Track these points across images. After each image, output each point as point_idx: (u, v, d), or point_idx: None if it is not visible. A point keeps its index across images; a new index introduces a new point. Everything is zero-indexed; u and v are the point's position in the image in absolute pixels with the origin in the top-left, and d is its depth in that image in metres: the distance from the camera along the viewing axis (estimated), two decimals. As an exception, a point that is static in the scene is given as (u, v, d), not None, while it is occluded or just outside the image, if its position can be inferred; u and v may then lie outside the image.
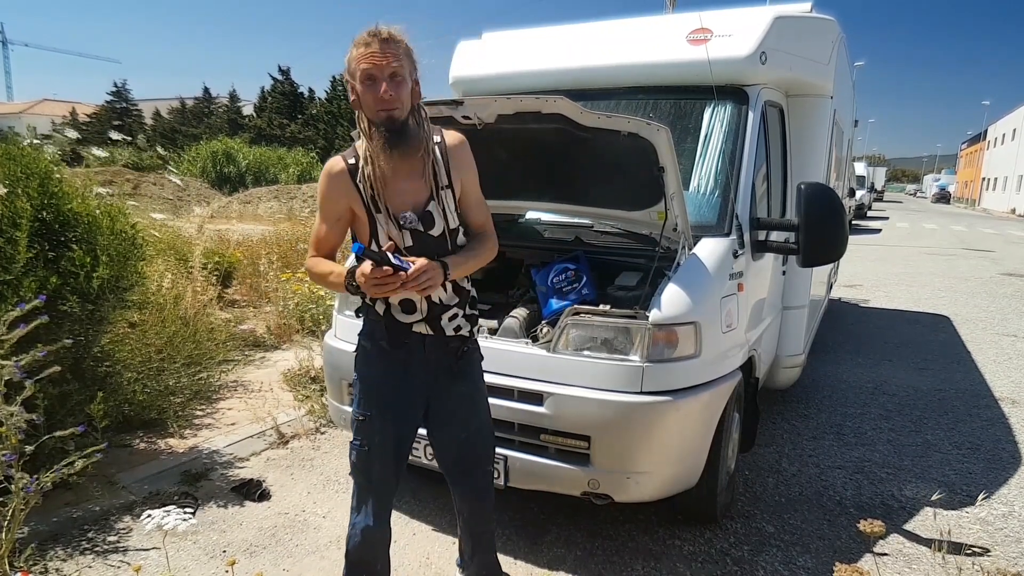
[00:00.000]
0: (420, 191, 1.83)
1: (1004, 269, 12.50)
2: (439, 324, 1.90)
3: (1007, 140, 47.00)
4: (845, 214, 3.11)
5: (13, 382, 2.20)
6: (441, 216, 1.84)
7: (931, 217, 31.94)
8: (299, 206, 16.48)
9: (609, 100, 3.44)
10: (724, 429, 2.68)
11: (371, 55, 1.70)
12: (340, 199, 1.84)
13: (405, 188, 1.82)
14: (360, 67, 1.72)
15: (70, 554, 2.60)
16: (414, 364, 1.93)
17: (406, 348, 1.91)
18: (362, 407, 1.96)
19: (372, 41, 1.71)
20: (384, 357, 1.93)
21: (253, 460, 3.55)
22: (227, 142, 28.05)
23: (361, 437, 1.96)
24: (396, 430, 1.97)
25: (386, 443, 1.96)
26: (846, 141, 6.65)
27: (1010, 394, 4.92)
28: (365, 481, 1.98)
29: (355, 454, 1.97)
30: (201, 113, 43.24)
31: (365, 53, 1.71)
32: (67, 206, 3.17)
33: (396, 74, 1.72)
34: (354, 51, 1.73)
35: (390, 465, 1.98)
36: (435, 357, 1.94)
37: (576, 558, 2.66)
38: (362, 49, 1.72)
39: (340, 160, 1.85)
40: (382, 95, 1.70)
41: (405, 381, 1.94)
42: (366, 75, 1.71)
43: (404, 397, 1.96)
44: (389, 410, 1.94)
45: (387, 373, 1.93)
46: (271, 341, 5.65)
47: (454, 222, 1.88)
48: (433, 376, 1.96)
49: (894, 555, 2.75)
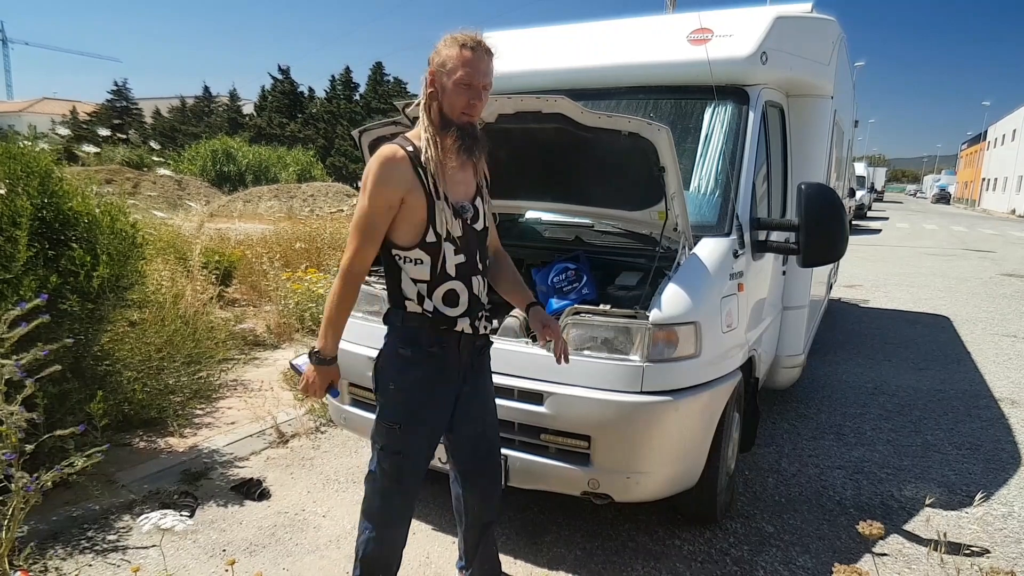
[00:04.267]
0: (470, 185, 1.93)
1: (1004, 269, 12.51)
2: (476, 323, 1.94)
3: (1007, 141, 46.98)
4: (845, 214, 3.11)
5: (13, 381, 2.20)
6: (483, 212, 1.95)
7: (931, 218, 31.95)
8: (299, 205, 16.48)
9: (610, 100, 3.44)
10: (724, 429, 2.68)
11: (476, 63, 1.78)
12: (399, 187, 1.79)
13: (459, 180, 1.89)
14: (461, 70, 1.77)
15: (70, 553, 2.60)
16: (450, 368, 1.94)
17: (445, 351, 1.92)
18: (397, 415, 1.93)
19: (479, 49, 1.78)
20: (424, 364, 1.91)
21: (253, 459, 3.55)
22: (227, 141, 28.04)
23: (395, 445, 1.94)
24: (429, 437, 1.99)
25: (420, 450, 1.97)
26: (846, 141, 6.65)
27: (1010, 394, 4.92)
28: (396, 487, 1.97)
29: (388, 462, 1.95)
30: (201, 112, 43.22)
31: (470, 59, 1.77)
32: (67, 205, 3.17)
33: (487, 87, 1.82)
34: (456, 50, 1.78)
35: (420, 471, 2.00)
36: (465, 357, 1.96)
37: (576, 558, 2.67)
38: (468, 54, 1.77)
39: (398, 148, 1.83)
40: (474, 103, 1.80)
41: (442, 387, 1.95)
42: (463, 80, 1.77)
43: (439, 403, 1.96)
44: (425, 418, 1.95)
45: (425, 380, 1.92)
46: (271, 340, 5.65)
47: (489, 220, 2.00)
48: (463, 377, 1.98)
49: (893, 555, 2.75)
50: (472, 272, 1.91)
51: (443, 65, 1.79)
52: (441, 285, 1.86)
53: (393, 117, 2.52)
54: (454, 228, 1.84)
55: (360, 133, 2.61)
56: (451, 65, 1.78)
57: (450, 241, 1.84)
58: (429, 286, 1.86)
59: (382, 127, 2.55)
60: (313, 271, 6.37)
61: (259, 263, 6.93)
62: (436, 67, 1.81)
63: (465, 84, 1.77)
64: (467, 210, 1.88)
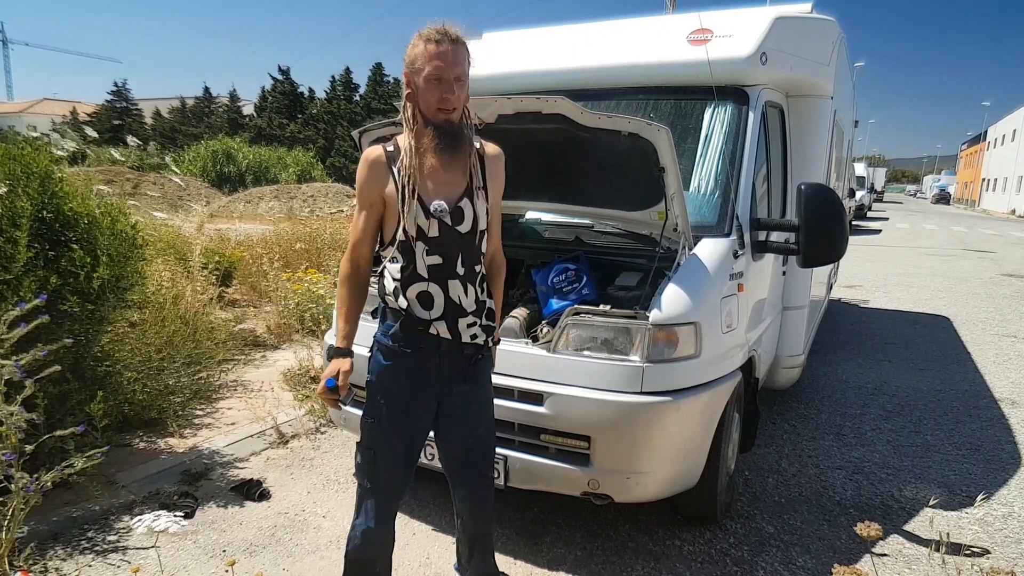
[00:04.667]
0: (456, 186, 1.84)
1: (1004, 270, 12.51)
2: (456, 329, 1.88)
3: (1007, 141, 46.98)
4: (845, 215, 3.11)
5: (13, 381, 2.20)
6: (471, 214, 1.85)
7: (931, 218, 31.95)
8: (299, 206, 16.49)
9: (610, 100, 3.44)
10: (724, 429, 2.68)
11: (441, 55, 1.71)
12: (375, 186, 1.83)
13: (441, 180, 1.83)
14: (429, 65, 1.72)
15: (70, 553, 2.60)
16: (428, 369, 1.91)
17: (421, 352, 1.89)
18: (372, 411, 1.94)
19: (443, 40, 1.72)
20: (399, 361, 1.90)
21: (253, 460, 3.55)
22: (227, 142, 28.08)
23: (368, 441, 1.95)
24: (406, 435, 1.97)
25: (394, 448, 1.95)
26: (846, 142, 6.65)
27: (1010, 395, 4.92)
28: (369, 484, 1.98)
29: (360, 457, 1.96)
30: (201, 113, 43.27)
31: (436, 52, 1.71)
32: (67, 206, 3.16)
33: (460, 78, 1.75)
34: (422, 46, 1.73)
35: (398, 470, 1.98)
36: (448, 363, 1.92)
37: (576, 558, 2.66)
38: (432, 47, 1.71)
39: (379, 148, 1.85)
40: (447, 97, 1.72)
41: (418, 386, 1.93)
42: (432, 75, 1.72)
43: (416, 402, 1.95)
44: (400, 415, 1.93)
45: (401, 377, 1.92)
46: (271, 341, 5.65)
47: (483, 224, 1.89)
48: (446, 380, 1.95)
49: (893, 556, 2.75)
50: (450, 275, 1.84)
51: (413, 63, 1.75)
52: (413, 285, 1.84)
53: (393, 118, 2.52)
54: (428, 228, 1.80)
55: (360, 134, 2.61)
56: (419, 63, 1.73)
57: (422, 241, 1.81)
58: (402, 284, 1.85)
59: (382, 128, 2.55)
60: (313, 272, 6.37)
61: (258, 264, 6.93)
62: (407, 67, 1.77)
63: (435, 79, 1.72)
64: (439, 210, 1.80)
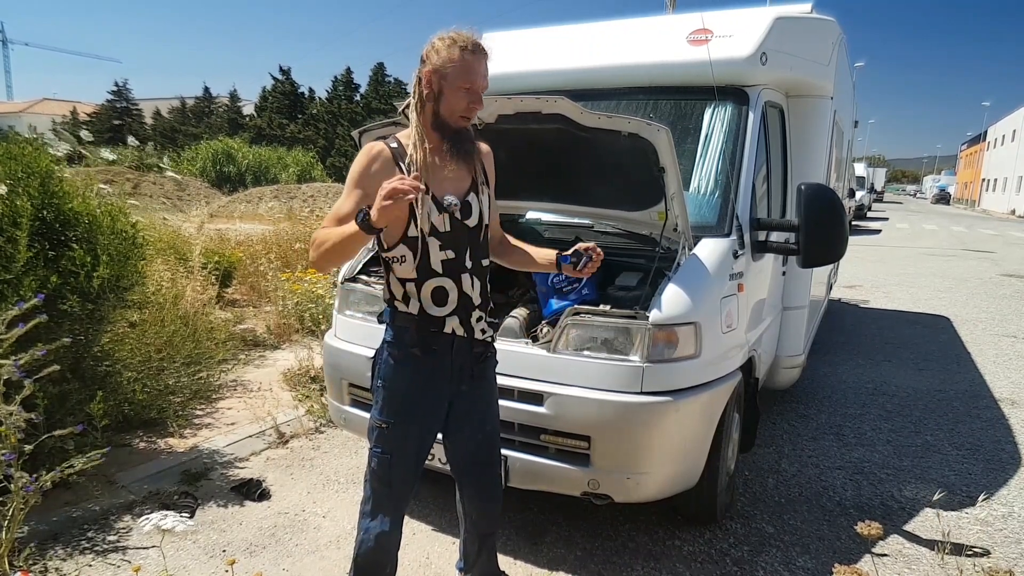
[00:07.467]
0: (462, 181, 1.89)
1: (1004, 270, 12.51)
2: (469, 323, 1.91)
3: (1007, 141, 46.99)
4: (845, 215, 3.11)
5: (12, 381, 2.20)
6: (478, 208, 1.90)
7: (931, 218, 31.95)
8: (299, 206, 16.45)
9: (610, 100, 3.44)
10: (724, 429, 2.68)
11: (476, 67, 1.77)
12: (377, 178, 1.77)
13: (447, 176, 1.86)
14: (463, 76, 1.76)
15: (70, 553, 2.60)
16: (441, 370, 1.92)
17: (435, 354, 1.90)
18: (385, 415, 1.93)
19: (479, 52, 1.78)
20: (412, 364, 1.90)
21: (253, 460, 3.55)
22: (227, 142, 28.08)
23: (383, 445, 1.94)
24: (419, 438, 1.97)
25: (408, 451, 1.96)
26: (846, 142, 6.65)
27: (1010, 395, 4.92)
28: (385, 488, 1.97)
29: (376, 461, 1.95)
30: (201, 113, 43.28)
31: (471, 63, 1.76)
32: (68, 205, 3.17)
33: (484, 89, 1.82)
34: (455, 52, 1.75)
35: (411, 472, 1.98)
36: (460, 362, 1.93)
37: (576, 558, 2.66)
38: (468, 57, 1.76)
39: (381, 143, 1.85)
40: (474, 107, 1.79)
41: (431, 388, 1.93)
42: (463, 84, 1.76)
43: (429, 405, 1.95)
44: (414, 418, 1.94)
45: (414, 381, 1.92)
46: (271, 341, 5.65)
47: (488, 217, 1.95)
48: (457, 380, 1.96)
49: (894, 556, 2.75)
50: (462, 269, 1.87)
51: (442, 68, 1.76)
52: (428, 281, 1.84)
53: (393, 118, 2.52)
54: (440, 223, 1.82)
55: (360, 134, 2.61)
56: (451, 69, 1.75)
57: (435, 236, 1.82)
58: (416, 283, 1.85)
59: (382, 127, 2.54)
60: (312, 271, 6.37)
61: (257, 264, 6.93)
62: (433, 68, 1.77)
63: (467, 89, 1.77)
64: (453, 205, 1.83)
